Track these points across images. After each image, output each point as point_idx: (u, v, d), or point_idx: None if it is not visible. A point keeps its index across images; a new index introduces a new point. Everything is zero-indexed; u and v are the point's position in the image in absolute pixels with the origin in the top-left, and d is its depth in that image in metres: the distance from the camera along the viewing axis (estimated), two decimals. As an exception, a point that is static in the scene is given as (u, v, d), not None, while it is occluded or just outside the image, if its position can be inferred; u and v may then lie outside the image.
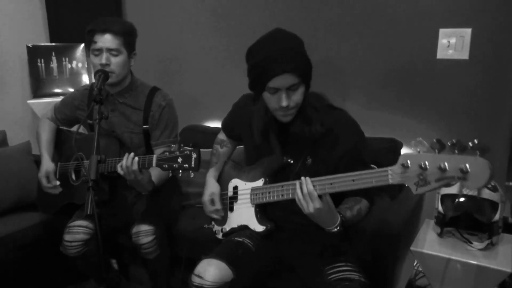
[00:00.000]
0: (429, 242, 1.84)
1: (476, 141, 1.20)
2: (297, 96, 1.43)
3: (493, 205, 1.76)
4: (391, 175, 1.23)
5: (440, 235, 1.87)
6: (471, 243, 1.79)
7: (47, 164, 2.07)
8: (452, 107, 2.18)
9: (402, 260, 1.91)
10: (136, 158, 1.68)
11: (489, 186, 1.77)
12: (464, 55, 2.10)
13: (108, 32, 1.86)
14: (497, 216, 1.75)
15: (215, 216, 1.74)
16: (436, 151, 1.18)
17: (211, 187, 1.75)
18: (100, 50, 1.87)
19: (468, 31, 2.07)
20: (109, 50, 1.87)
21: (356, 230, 1.75)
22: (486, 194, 1.76)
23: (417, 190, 1.19)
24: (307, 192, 1.34)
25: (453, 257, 1.72)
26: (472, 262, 1.69)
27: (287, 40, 1.43)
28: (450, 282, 1.75)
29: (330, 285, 1.42)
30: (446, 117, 2.20)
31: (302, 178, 1.37)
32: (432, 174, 1.15)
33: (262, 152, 1.61)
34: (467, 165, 1.09)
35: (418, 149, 1.25)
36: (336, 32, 2.35)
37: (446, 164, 1.12)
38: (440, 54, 2.14)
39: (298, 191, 1.36)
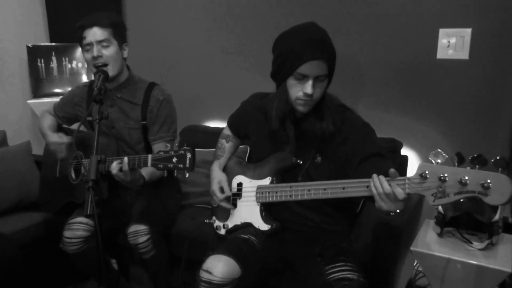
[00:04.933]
0: (429, 242, 1.84)
1: (498, 157, 1.19)
2: (320, 89, 1.46)
3: (493, 205, 1.76)
4: (408, 184, 1.22)
5: (440, 235, 1.86)
6: (471, 243, 1.79)
7: (56, 135, 2.08)
8: (452, 107, 2.18)
9: (402, 260, 1.91)
10: (126, 159, 1.67)
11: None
12: (464, 55, 2.09)
13: (96, 25, 1.88)
14: (497, 216, 1.75)
15: (225, 204, 1.68)
16: (456, 164, 1.16)
17: (218, 176, 1.74)
18: (90, 45, 1.89)
19: (468, 31, 2.07)
20: (99, 42, 1.88)
21: (357, 229, 1.75)
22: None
23: (435, 202, 1.17)
24: (390, 192, 1.25)
25: (453, 257, 1.72)
26: (472, 262, 1.68)
27: (323, 32, 1.47)
28: (450, 282, 1.75)
29: (329, 285, 1.42)
30: (446, 117, 2.20)
31: (381, 177, 1.27)
32: (451, 186, 1.13)
33: (277, 141, 1.60)
34: (489, 181, 1.07)
35: (438, 160, 1.24)
36: (335, 32, 2.34)
37: (466, 178, 1.10)
38: (440, 54, 2.14)
39: (380, 189, 1.26)
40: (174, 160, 1.55)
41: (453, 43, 2.10)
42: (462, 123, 2.16)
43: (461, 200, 1.75)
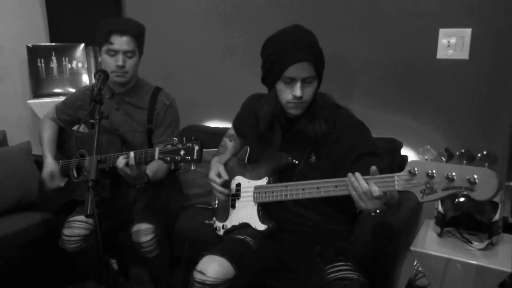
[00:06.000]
0: (429, 242, 1.84)
1: (485, 152, 1.20)
2: (310, 91, 1.46)
3: (493, 205, 1.76)
4: (398, 181, 1.23)
5: (440, 235, 1.86)
6: (471, 243, 1.79)
7: (51, 165, 2.08)
8: (452, 107, 2.18)
9: (402, 260, 1.91)
10: (132, 154, 1.68)
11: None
12: (464, 55, 2.09)
13: (126, 34, 1.89)
14: (497, 216, 1.75)
15: (222, 190, 1.67)
16: (444, 160, 1.17)
17: (216, 165, 1.73)
18: (116, 52, 1.89)
19: (468, 31, 2.07)
20: (125, 52, 1.90)
21: (357, 229, 1.75)
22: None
23: (423, 198, 1.18)
24: (367, 190, 1.26)
25: (453, 257, 1.72)
26: (472, 262, 1.68)
27: (308, 34, 1.48)
28: (450, 282, 1.75)
29: (329, 284, 1.42)
30: (446, 117, 2.20)
31: (358, 175, 1.29)
32: (439, 183, 1.14)
33: (264, 143, 1.62)
34: (475, 176, 1.08)
35: (426, 157, 1.25)
36: (335, 32, 2.35)
37: (453, 173, 1.11)
38: (440, 54, 2.14)
39: (359, 189, 1.28)
40: (182, 152, 1.56)
41: (453, 43, 2.10)
42: (462, 123, 2.16)
43: (461, 200, 1.76)
